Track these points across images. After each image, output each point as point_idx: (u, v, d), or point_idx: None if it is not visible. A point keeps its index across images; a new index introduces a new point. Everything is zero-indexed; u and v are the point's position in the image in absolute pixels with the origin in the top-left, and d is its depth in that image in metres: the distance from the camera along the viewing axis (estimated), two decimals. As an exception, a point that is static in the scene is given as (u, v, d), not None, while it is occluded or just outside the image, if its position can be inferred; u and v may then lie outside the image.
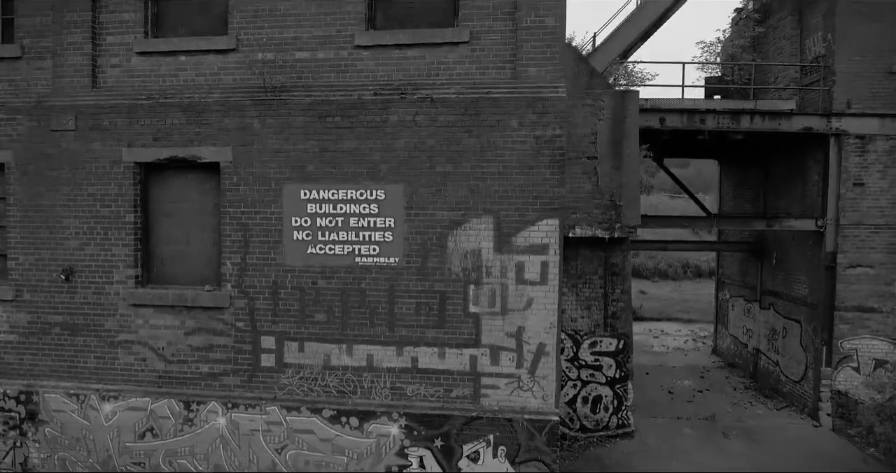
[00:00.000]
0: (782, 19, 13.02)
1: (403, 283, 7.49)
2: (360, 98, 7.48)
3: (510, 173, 7.29)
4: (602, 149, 10.01)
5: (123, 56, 8.14)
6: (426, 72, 7.56)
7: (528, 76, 7.34)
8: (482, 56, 7.49)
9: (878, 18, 11.17)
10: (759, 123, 11.51)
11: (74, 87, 8.12)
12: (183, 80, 8.02)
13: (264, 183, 7.68)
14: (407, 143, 7.42)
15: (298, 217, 7.62)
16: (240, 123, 7.71)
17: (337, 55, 7.71)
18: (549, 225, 7.25)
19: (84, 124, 8.02)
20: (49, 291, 8.17)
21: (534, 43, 7.33)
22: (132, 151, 7.92)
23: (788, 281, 12.97)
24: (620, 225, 10.09)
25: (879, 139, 11.26)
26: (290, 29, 7.78)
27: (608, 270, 10.78)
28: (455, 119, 7.34)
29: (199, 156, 7.79)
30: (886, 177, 11.27)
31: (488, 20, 7.46)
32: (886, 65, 11.21)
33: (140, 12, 8.08)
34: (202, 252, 8.01)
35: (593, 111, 10.00)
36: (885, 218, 11.30)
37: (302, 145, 7.59)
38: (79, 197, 8.05)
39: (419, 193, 7.42)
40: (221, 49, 7.88)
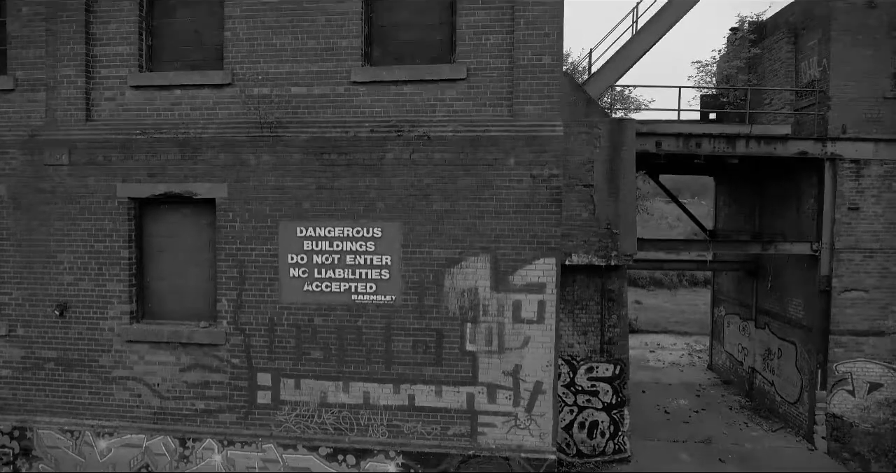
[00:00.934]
0: (777, 41, 13.06)
1: (400, 321, 7.47)
2: (357, 135, 7.45)
3: (507, 212, 7.28)
4: (598, 177, 10.01)
5: (118, 89, 8.09)
6: (423, 108, 7.54)
7: (525, 114, 7.34)
8: (479, 93, 7.48)
9: (873, 45, 11.21)
10: (754, 147, 11.53)
11: (68, 121, 8.06)
12: (178, 114, 7.97)
13: (260, 219, 7.64)
14: (404, 181, 7.39)
15: (294, 254, 7.59)
16: (235, 159, 7.67)
17: (333, 91, 7.68)
18: (546, 264, 7.25)
19: (78, 159, 7.96)
20: (43, 326, 8.11)
21: (530, 81, 7.32)
22: (127, 187, 7.87)
23: (783, 302, 13.02)
24: (617, 253, 10.10)
25: (874, 164, 11.31)
26: (285, 64, 7.76)
27: (605, 296, 10.78)
28: (452, 157, 7.32)
29: (195, 193, 7.74)
30: (881, 202, 11.31)
31: (485, 57, 7.45)
32: (881, 90, 11.24)
33: (134, 45, 8.03)
34: (198, 287, 7.96)
35: (590, 139, 10.00)
36: (879, 242, 11.35)
37: (298, 182, 7.56)
38: (73, 232, 7.99)
39: (416, 231, 7.40)
40: (217, 84, 7.84)
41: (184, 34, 8.12)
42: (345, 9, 7.62)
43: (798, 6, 12.56)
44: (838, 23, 11.24)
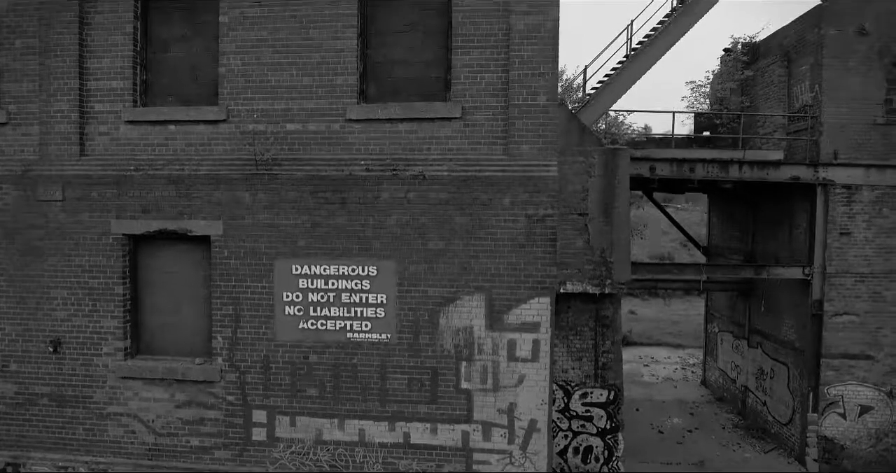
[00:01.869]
0: (770, 65, 13.16)
1: (395, 359, 7.49)
2: (352, 174, 7.46)
3: (502, 251, 7.31)
4: (593, 205, 10.05)
5: (112, 124, 8.06)
6: (418, 146, 7.56)
7: (520, 154, 7.37)
8: (474, 132, 7.51)
9: (864, 71, 11.31)
10: (747, 172, 11.63)
11: (62, 156, 8.02)
12: (172, 150, 7.95)
13: (255, 257, 7.64)
14: (399, 220, 7.41)
15: (290, 292, 7.59)
16: (230, 197, 7.67)
17: (328, 128, 7.69)
18: (540, 303, 7.28)
19: (72, 195, 7.93)
20: (36, 362, 8.07)
21: (525, 120, 7.36)
22: (121, 223, 7.85)
23: (776, 323, 13.12)
24: (611, 281, 10.14)
25: (865, 189, 11.42)
26: (281, 100, 7.75)
27: (599, 322, 10.83)
28: (447, 197, 7.34)
29: (190, 230, 7.73)
30: (872, 227, 11.43)
31: (481, 96, 7.47)
32: (872, 116, 11.36)
33: (129, 80, 7.99)
34: (193, 323, 7.95)
35: (584, 168, 10.04)
36: (870, 267, 11.46)
37: (293, 220, 7.56)
38: (66, 268, 7.96)
39: (411, 270, 7.42)
40: (211, 120, 7.83)
41: (179, 69, 8.10)
42: (340, 46, 7.62)
43: (790, 31, 12.66)
44: (830, 49, 11.35)
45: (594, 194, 10.14)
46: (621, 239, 10.23)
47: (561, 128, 9.90)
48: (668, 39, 10.89)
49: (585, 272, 10.26)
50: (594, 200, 10.17)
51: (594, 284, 10.23)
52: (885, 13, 11.27)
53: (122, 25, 7.98)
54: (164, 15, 8.12)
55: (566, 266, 10.27)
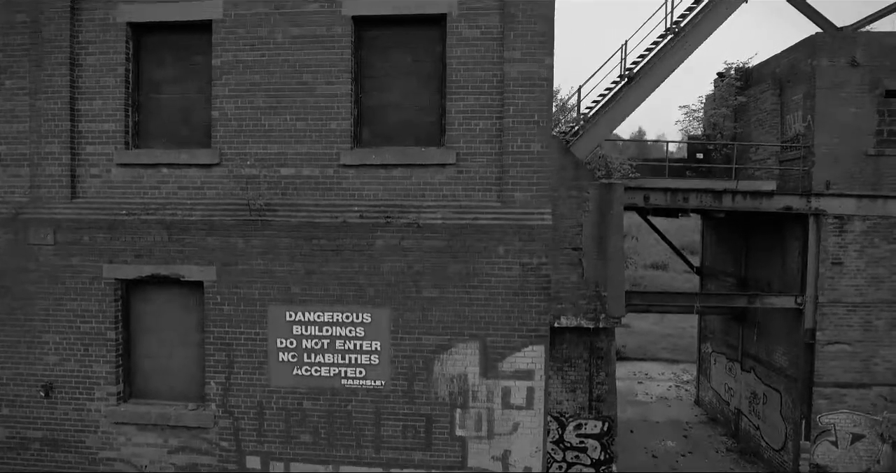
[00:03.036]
0: (763, 92, 13.21)
1: (390, 406, 7.48)
2: (347, 221, 7.44)
3: (496, 299, 7.31)
4: (587, 240, 10.07)
5: (104, 166, 8.01)
6: (413, 192, 7.55)
7: (514, 201, 7.37)
8: (468, 178, 7.51)
9: (856, 102, 11.39)
10: (740, 202, 11.68)
11: (53, 198, 7.96)
12: (165, 193, 7.91)
13: (249, 303, 7.61)
14: (393, 267, 7.40)
15: (284, 338, 7.56)
16: (224, 243, 7.63)
17: (322, 173, 7.67)
18: (534, 351, 7.30)
19: (63, 238, 7.86)
20: (28, 406, 8.00)
21: (519, 168, 7.36)
22: (113, 268, 7.79)
23: (769, 349, 13.20)
24: (605, 315, 10.17)
25: (857, 219, 11.50)
26: (274, 145, 7.72)
27: (593, 354, 10.85)
28: (442, 245, 7.34)
29: (182, 275, 7.69)
30: (863, 257, 11.51)
31: (475, 142, 7.47)
32: (864, 147, 11.44)
33: (121, 122, 7.94)
34: (186, 368, 7.91)
35: (579, 203, 10.05)
36: (861, 296, 11.55)
37: (287, 266, 7.54)
38: (58, 312, 7.90)
39: (405, 317, 7.41)
40: (204, 164, 7.79)
41: (171, 111, 8.06)
42: (334, 91, 7.60)
43: (783, 59, 12.72)
44: (822, 80, 11.42)
45: (588, 229, 10.16)
46: (615, 273, 10.26)
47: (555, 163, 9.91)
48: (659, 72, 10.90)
49: (580, 306, 10.28)
50: (588, 235, 10.19)
51: (588, 318, 10.25)
52: (876, 45, 11.34)
53: (113, 67, 7.93)
54: (157, 56, 8.07)
55: (560, 300, 10.29)
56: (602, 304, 10.23)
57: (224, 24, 7.73)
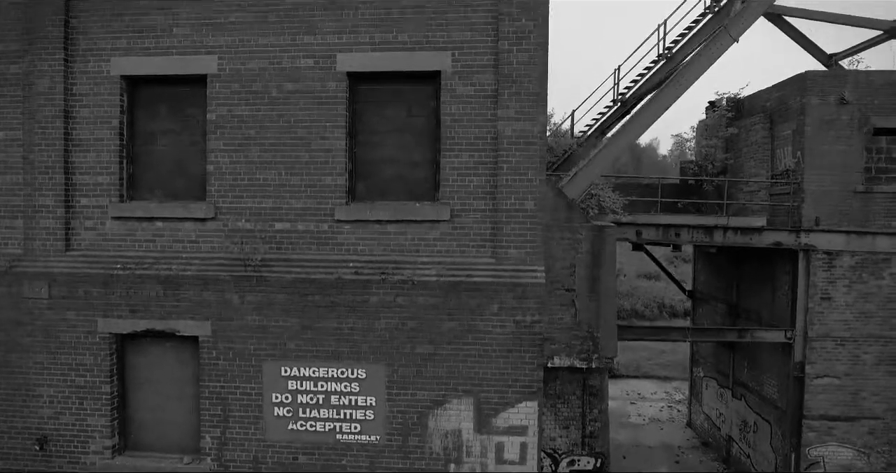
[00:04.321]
0: (754, 124, 13.35)
1: (385, 461, 7.53)
2: (342, 278, 7.48)
3: (490, 356, 7.38)
4: (580, 281, 10.16)
5: (98, 219, 8.01)
6: (407, 248, 7.60)
7: (508, 258, 7.44)
8: (463, 234, 7.57)
9: (845, 140, 11.54)
10: (731, 238, 11.82)
11: (47, 251, 7.96)
12: (160, 246, 7.93)
13: (244, 358, 7.64)
14: (388, 324, 7.45)
15: (279, 393, 7.60)
16: (219, 298, 7.65)
17: (317, 227, 7.71)
18: (528, 407, 7.37)
19: (58, 292, 7.86)
20: (23, 459, 8.00)
21: (513, 225, 7.43)
22: (108, 322, 7.80)
23: (759, 379, 13.35)
24: (598, 355, 10.26)
25: (846, 255, 11.66)
26: (269, 199, 7.76)
27: (586, 391, 10.97)
28: (436, 302, 7.40)
29: (178, 330, 7.71)
30: (852, 292, 11.67)
31: (469, 199, 7.54)
32: (852, 183, 11.59)
33: (115, 175, 7.95)
34: (181, 421, 7.92)
35: (571, 244, 10.14)
36: (850, 331, 11.71)
37: (282, 322, 7.57)
38: (52, 365, 7.90)
39: (400, 373, 7.46)
40: (199, 217, 7.81)
41: (166, 162, 8.08)
42: (328, 146, 7.64)
43: (774, 93, 12.87)
44: (812, 118, 11.57)
45: (581, 270, 10.25)
46: (608, 313, 10.35)
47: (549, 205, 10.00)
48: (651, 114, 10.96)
49: (573, 347, 10.37)
50: (581, 276, 10.28)
51: (581, 358, 10.35)
52: (864, 83, 11.50)
53: (108, 120, 7.94)
54: (151, 109, 8.09)
55: (554, 341, 10.37)
56: (595, 344, 10.32)
57: (219, 78, 7.76)
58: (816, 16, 14.76)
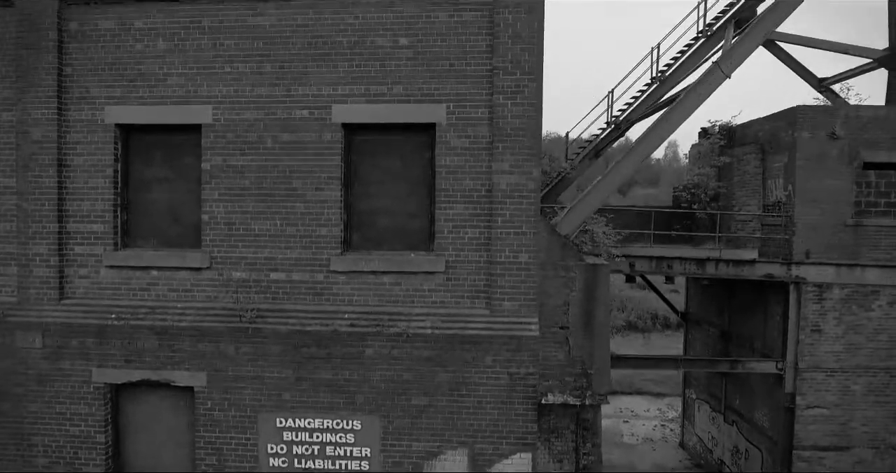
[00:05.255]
0: (746, 154, 13.48)
1: (380, 511, 7.59)
2: (337, 330, 7.51)
3: (485, 408, 7.44)
4: (574, 319, 10.23)
5: (92, 267, 8.00)
6: (402, 299, 7.65)
7: (502, 310, 7.50)
8: (457, 285, 7.62)
9: (835, 174, 11.67)
10: (723, 269, 11.94)
11: (41, 300, 7.94)
12: (155, 295, 7.93)
13: (240, 409, 7.65)
14: (383, 376, 7.49)
15: (274, 444, 7.62)
16: (214, 349, 7.66)
17: (313, 278, 7.73)
18: (522, 458, 7.44)
19: (52, 342, 7.84)
20: (16, 508, 8.00)
21: (508, 278, 7.49)
22: (102, 372, 7.80)
23: (751, 407, 13.49)
24: (591, 392, 10.35)
25: (835, 287, 11.80)
26: (264, 249, 7.77)
27: (580, 425, 11.02)
28: (431, 354, 7.44)
29: (173, 380, 7.72)
30: (841, 324, 11.81)
31: (464, 250, 7.59)
32: (842, 217, 11.73)
33: (109, 224, 7.95)
34: (176, 470, 7.93)
35: (565, 282, 10.20)
36: (839, 362, 11.85)
37: (278, 374, 7.59)
38: (47, 415, 7.88)
39: (395, 424, 7.50)
40: (194, 267, 7.82)
41: (160, 210, 8.08)
42: (324, 197, 7.67)
43: (766, 125, 12.99)
44: (802, 152, 11.70)
45: (575, 308, 10.32)
46: (601, 351, 10.44)
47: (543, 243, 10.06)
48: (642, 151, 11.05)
49: (566, 383, 10.44)
50: (575, 314, 10.35)
51: (575, 395, 10.42)
52: (854, 118, 11.63)
53: (102, 168, 7.94)
54: (146, 156, 8.09)
55: (547, 377, 10.44)
56: (588, 381, 10.40)
57: (214, 128, 7.77)
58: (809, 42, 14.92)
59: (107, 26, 7.86)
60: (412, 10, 7.50)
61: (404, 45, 7.54)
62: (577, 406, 10.92)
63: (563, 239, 10.58)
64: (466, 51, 7.48)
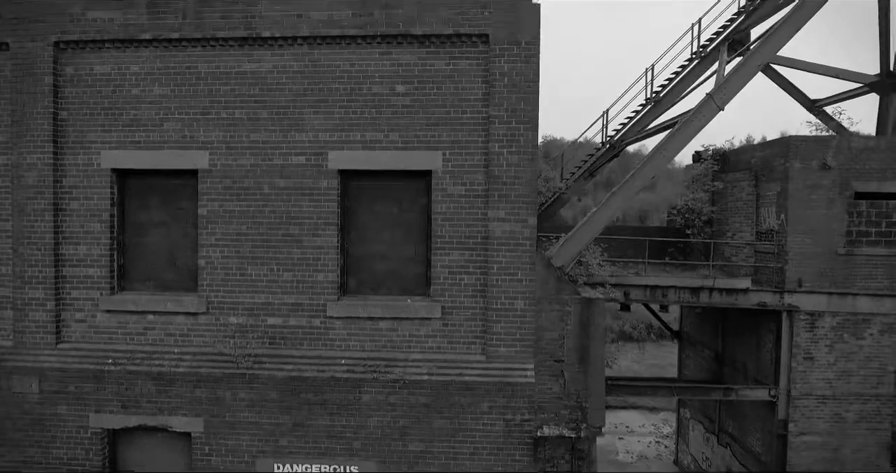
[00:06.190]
0: (739, 181, 13.57)
1: (377, 556, 7.64)
2: (334, 377, 7.55)
3: (481, 453, 7.50)
4: (569, 353, 10.30)
5: (89, 311, 8.01)
6: (399, 344, 7.69)
7: (498, 355, 7.56)
8: (453, 331, 7.67)
9: (827, 204, 11.77)
10: (717, 298, 12.03)
11: (37, 344, 7.95)
12: (151, 339, 7.95)
13: (237, 455, 7.68)
14: (380, 422, 7.54)
15: (272, 489, 7.67)
16: (211, 395, 7.69)
17: (309, 323, 7.77)
18: (518, 503, 7.51)
19: (49, 387, 7.85)
20: (13, 552, 8.01)
21: (503, 324, 7.55)
22: (100, 417, 7.81)
23: (744, 431, 13.61)
24: (587, 424, 10.43)
25: (828, 315, 11.90)
26: (261, 294, 7.80)
27: (574, 455, 11.10)
28: (427, 400, 7.49)
29: (170, 426, 7.74)
30: (833, 352, 11.93)
31: (460, 297, 7.64)
32: (834, 246, 11.83)
33: (106, 268, 7.96)
34: (173, 513, 7.97)
35: (561, 316, 10.26)
36: (831, 389, 11.97)
37: (275, 419, 7.63)
38: (44, 459, 7.89)
39: (392, 470, 7.55)
40: (191, 312, 7.84)
41: (157, 254, 8.10)
42: (320, 243, 7.70)
43: (758, 152, 13.08)
44: (795, 183, 11.79)
45: (570, 341, 10.39)
46: (596, 384, 10.51)
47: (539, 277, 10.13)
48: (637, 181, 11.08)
49: (562, 416, 10.51)
50: (570, 347, 10.42)
51: (570, 428, 10.48)
52: (846, 149, 11.74)
53: (98, 212, 7.94)
54: (142, 200, 8.09)
55: (543, 410, 10.50)
56: (583, 414, 10.47)
57: (210, 174, 7.79)
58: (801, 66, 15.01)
59: (103, 71, 7.87)
60: (409, 58, 7.54)
61: (401, 92, 7.58)
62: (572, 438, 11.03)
63: (558, 273, 10.63)
64: (463, 99, 7.53)
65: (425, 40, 7.49)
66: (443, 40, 7.47)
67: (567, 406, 10.53)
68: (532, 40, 7.34)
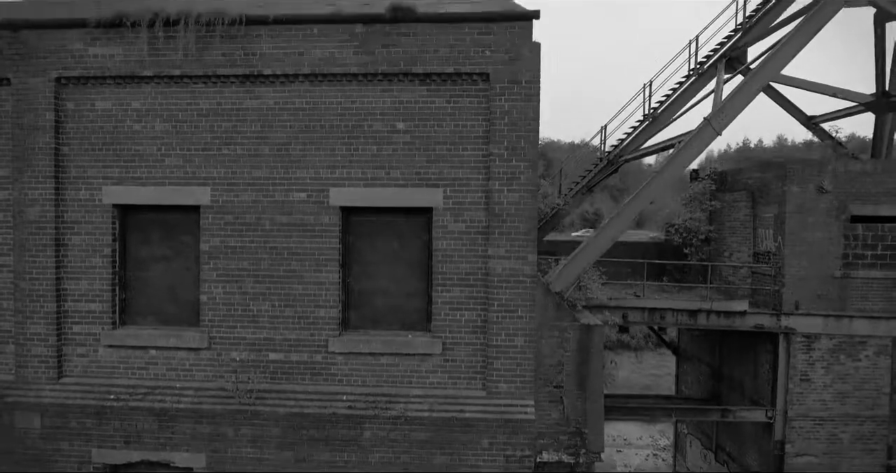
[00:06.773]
0: (737, 202, 13.65)
1: None
2: (335, 413, 7.59)
3: (482, 489, 7.56)
4: (568, 378, 10.37)
5: (91, 346, 8.03)
6: (400, 380, 7.74)
7: (498, 392, 7.62)
8: (454, 367, 7.73)
9: (824, 227, 11.87)
10: (714, 321, 12.12)
11: (39, 379, 7.97)
12: (153, 374, 7.98)
13: (239, 490, 7.73)
14: (381, 458, 7.58)
15: (274, 524, 7.71)
16: (213, 431, 7.72)
17: (311, 358, 7.81)
18: (518, 538, 7.56)
19: (50, 423, 7.86)
20: None
21: (504, 361, 7.61)
22: (102, 453, 7.83)
23: (741, 449, 13.71)
24: (586, 450, 10.50)
25: (824, 338, 12.01)
26: (263, 330, 7.84)
27: (574, 478, 11.18)
28: (428, 436, 7.54)
29: (172, 461, 7.77)
30: (829, 374, 12.03)
31: (460, 333, 7.69)
32: (830, 269, 11.93)
33: (107, 303, 7.98)
34: (175, 547, 8.01)
35: (559, 342, 10.33)
36: (828, 411, 12.07)
37: (277, 455, 7.66)
38: (46, 495, 7.92)
39: (393, 505, 7.61)
40: (193, 347, 7.87)
41: (159, 289, 8.12)
42: (322, 278, 7.74)
43: (756, 174, 13.17)
44: (792, 206, 11.89)
45: (569, 367, 10.46)
46: (595, 409, 10.59)
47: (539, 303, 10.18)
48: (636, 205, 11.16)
49: (561, 442, 10.58)
50: (569, 373, 10.49)
51: (569, 454, 10.56)
52: (842, 173, 11.84)
53: (100, 248, 7.96)
54: (144, 235, 8.12)
55: (542, 436, 10.59)
56: (583, 440, 10.54)
57: (212, 209, 7.82)
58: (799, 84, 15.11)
59: (104, 107, 7.89)
60: (409, 95, 7.58)
61: (402, 129, 7.63)
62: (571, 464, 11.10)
63: (557, 299, 10.70)
64: (463, 136, 7.58)
65: (426, 78, 7.53)
66: (444, 79, 7.51)
67: (566, 432, 10.60)
68: (532, 79, 7.39)
